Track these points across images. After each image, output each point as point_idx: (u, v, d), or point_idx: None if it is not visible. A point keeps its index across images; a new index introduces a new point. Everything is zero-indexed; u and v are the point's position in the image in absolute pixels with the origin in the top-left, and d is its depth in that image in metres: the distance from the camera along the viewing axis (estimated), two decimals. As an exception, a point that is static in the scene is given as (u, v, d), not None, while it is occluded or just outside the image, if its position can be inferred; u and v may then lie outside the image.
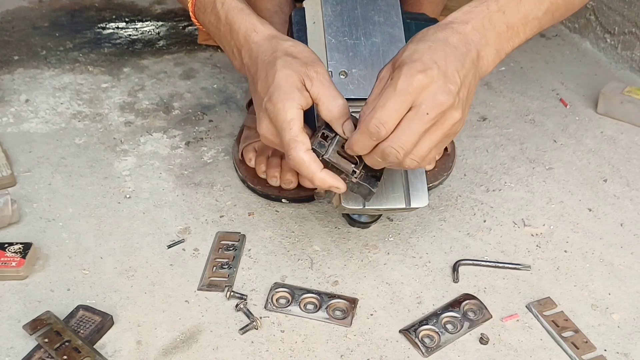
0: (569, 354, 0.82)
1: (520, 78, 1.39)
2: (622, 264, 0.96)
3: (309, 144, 0.77)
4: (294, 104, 0.77)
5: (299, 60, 0.79)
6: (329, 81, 0.79)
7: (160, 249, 0.96)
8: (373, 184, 0.79)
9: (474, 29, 0.77)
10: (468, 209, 1.05)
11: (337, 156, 0.78)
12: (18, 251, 0.92)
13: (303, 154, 0.76)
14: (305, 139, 0.77)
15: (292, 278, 0.92)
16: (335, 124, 0.78)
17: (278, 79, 0.78)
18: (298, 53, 0.80)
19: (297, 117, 0.77)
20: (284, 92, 0.77)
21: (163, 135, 1.20)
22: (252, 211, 1.04)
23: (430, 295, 0.90)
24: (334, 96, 0.78)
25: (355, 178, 0.78)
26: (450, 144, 1.13)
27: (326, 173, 0.77)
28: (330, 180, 0.77)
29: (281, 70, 0.78)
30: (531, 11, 0.80)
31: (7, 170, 1.07)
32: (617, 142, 1.20)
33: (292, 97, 0.77)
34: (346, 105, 0.78)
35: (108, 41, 1.50)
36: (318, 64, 0.79)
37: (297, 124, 0.77)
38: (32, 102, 1.28)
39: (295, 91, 0.77)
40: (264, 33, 0.83)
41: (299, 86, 0.78)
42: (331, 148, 0.78)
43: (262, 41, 0.83)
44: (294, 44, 0.82)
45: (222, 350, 0.82)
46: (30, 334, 0.82)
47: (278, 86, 0.78)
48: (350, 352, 0.83)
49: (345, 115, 0.78)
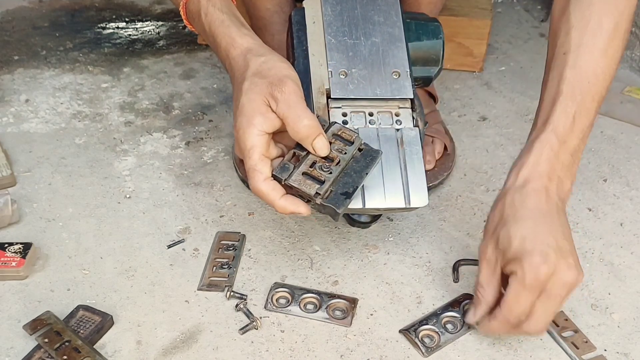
0: (568, 354, 0.83)
1: (520, 78, 1.38)
2: (622, 264, 0.96)
3: (267, 172, 0.76)
4: (254, 131, 0.76)
5: (265, 81, 0.77)
6: (296, 100, 0.76)
7: (160, 249, 0.96)
8: (340, 204, 0.76)
9: (549, 179, 0.79)
10: (468, 209, 1.05)
11: (301, 179, 0.77)
12: (18, 251, 0.92)
13: (260, 184, 0.76)
14: (264, 167, 0.76)
15: (292, 278, 0.92)
16: (304, 143, 0.77)
17: (242, 103, 0.77)
18: (267, 71, 0.78)
19: (257, 144, 0.76)
20: (246, 118, 0.76)
21: (163, 135, 1.20)
22: (252, 211, 1.04)
23: (430, 295, 0.90)
24: (299, 116, 0.76)
25: (320, 199, 0.76)
26: (450, 144, 1.13)
27: (285, 200, 0.77)
28: (291, 207, 0.77)
29: (245, 94, 0.77)
30: (585, 121, 0.81)
31: (7, 170, 1.07)
32: (617, 141, 1.20)
33: (253, 124, 0.76)
34: (314, 125, 0.76)
35: (108, 41, 1.50)
36: (285, 82, 0.77)
37: (257, 151, 0.76)
38: (32, 102, 1.28)
39: (258, 116, 0.76)
40: (241, 47, 0.81)
41: (263, 110, 0.76)
42: (297, 170, 0.77)
43: (238, 57, 0.81)
44: (266, 60, 0.79)
45: (222, 350, 0.82)
46: (30, 334, 0.82)
47: (242, 111, 0.77)
48: (350, 352, 0.83)
49: (314, 134, 0.76)
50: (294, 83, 0.77)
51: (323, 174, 0.77)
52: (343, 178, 0.78)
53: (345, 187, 0.77)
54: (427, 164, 1.06)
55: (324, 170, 0.77)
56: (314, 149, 0.77)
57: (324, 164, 0.77)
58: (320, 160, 0.78)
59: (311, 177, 0.77)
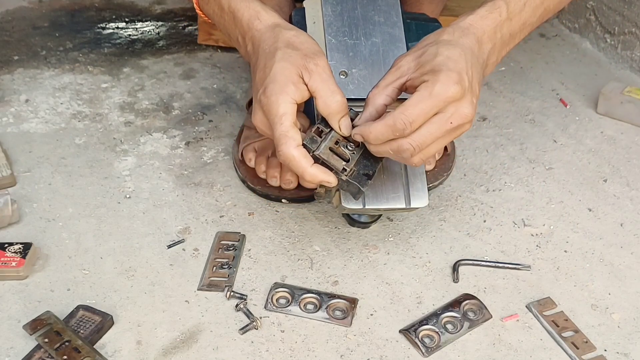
0: (569, 354, 0.83)
1: (520, 78, 1.39)
2: (622, 264, 0.96)
3: (299, 139, 0.77)
4: (287, 98, 0.77)
5: (300, 52, 0.78)
6: (329, 75, 0.78)
7: (160, 249, 0.96)
8: (363, 183, 0.79)
9: (488, 38, 0.80)
10: (468, 209, 1.05)
11: (329, 153, 0.78)
12: (18, 251, 0.92)
13: (293, 150, 0.77)
14: (296, 134, 0.77)
15: (292, 278, 0.92)
16: (331, 120, 0.79)
17: (274, 71, 0.78)
18: (300, 44, 0.80)
19: (289, 112, 0.77)
20: (279, 85, 0.77)
21: (163, 135, 1.20)
22: (252, 211, 1.04)
23: (430, 295, 0.90)
24: (332, 91, 0.78)
25: (345, 176, 0.78)
26: (450, 144, 1.13)
27: (316, 168, 0.78)
28: (321, 175, 0.78)
29: (279, 62, 0.78)
30: (529, 18, 0.83)
31: (7, 170, 1.07)
32: (617, 142, 1.20)
33: (286, 91, 0.77)
34: (344, 102, 0.78)
35: (108, 41, 1.50)
36: (319, 56, 0.79)
37: (289, 118, 0.77)
38: (32, 102, 1.28)
39: (290, 85, 0.77)
40: (267, 21, 0.82)
41: (295, 79, 0.77)
42: (324, 144, 0.78)
43: (264, 29, 0.82)
44: (297, 34, 0.81)
45: (222, 350, 0.82)
46: (30, 334, 0.82)
47: (273, 79, 0.77)
48: (350, 352, 0.83)
49: (343, 111, 0.78)
50: (326, 59, 0.79)
51: (347, 152, 0.79)
52: (363, 160, 0.80)
53: (366, 168, 0.79)
54: (427, 164, 1.06)
55: (349, 149, 0.79)
56: (340, 126, 0.79)
57: (347, 143, 0.79)
58: (343, 140, 0.79)
59: (336, 153, 0.78)
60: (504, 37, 0.82)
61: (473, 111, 0.75)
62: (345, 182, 0.79)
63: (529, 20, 0.83)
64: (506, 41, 0.82)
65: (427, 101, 0.73)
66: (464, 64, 0.75)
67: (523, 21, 0.83)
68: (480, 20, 0.80)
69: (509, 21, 0.81)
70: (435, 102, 0.73)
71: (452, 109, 0.74)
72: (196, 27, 1.52)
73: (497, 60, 0.83)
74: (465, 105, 0.74)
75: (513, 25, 0.82)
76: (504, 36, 0.82)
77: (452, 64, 0.74)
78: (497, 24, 0.80)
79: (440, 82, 0.73)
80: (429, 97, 0.73)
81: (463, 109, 0.74)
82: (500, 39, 0.81)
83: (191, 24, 1.57)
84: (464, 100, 0.74)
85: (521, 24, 0.83)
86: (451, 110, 0.74)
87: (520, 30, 0.83)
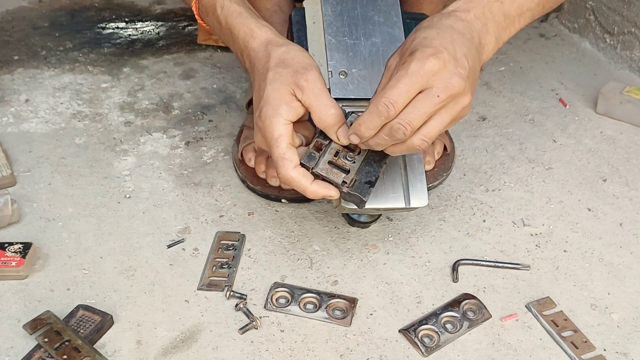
0: (568, 354, 0.83)
1: (519, 78, 1.39)
2: (622, 264, 0.96)
3: (296, 160, 0.78)
4: (281, 120, 0.78)
5: (290, 70, 0.79)
6: (321, 88, 0.78)
7: (160, 249, 0.97)
8: (365, 192, 0.79)
9: (476, 17, 0.79)
10: (468, 208, 1.05)
11: (328, 168, 0.79)
12: (18, 251, 0.92)
13: (291, 172, 0.78)
14: (293, 155, 0.78)
15: (292, 278, 0.93)
16: (329, 132, 0.79)
17: (267, 93, 0.79)
18: (290, 60, 0.80)
19: (284, 134, 0.78)
20: (272, 108, 0.78)
21: (163, 135, 1.20)
22: (251, 211, 1.04)
23: (429, 295, 0.90)
24: (325, 105, 0.78)
25: (346, 188, 0.79)
26: (450, 144, 1.13)
27: (317, 185, 0.78)
28: (322, 191, 0.79)
29: (270, 84, 0.79)
30: (525, 3, 0.83)
31: (7, 170, 1.07)
32: (616, 142, 1.20)
33: (279, 113, 0.78)
34: (339, 113, 0.78)
35: (108, 41, 1.50)
36: (310, 70, 0.79)
37: (285, 140, 0.78)
38: (32, 102, 1.28)
39: (283, 106, 0.78)
40: (260, 38, 0.83)
41: (288, 99, 0.78)
42: (322, 159, 0.79)
43: (258, 48, 0.83)
44: (287, 49, 0.81)
45: (221, 350, 0.83)
46: (30, 334, 0.82)
47: (267, 101, 0.79)
48: (350, 351, 0.83)
49: (338, 123, 0.79)
50: (317, 72, 0.79)
51: (347, 163, 0.79)
52: (365, 167, 0.80)
53: (368, 175, 0.80)
54: (427, 164, 1.06)
55: (348, 159, 0.80)
56: (338, 137, 0.79)
57: (347, 153, 0.80)
58: (343, 150, 0.80)
59: (336, 165, 0.79)
60: (497, 17, 0.80)
61: (462, 81, 0.73)
62: (346, 193, 0.79)
63: (525, 4, 0.82)
64: (501, 22, 0.81)
65: (404, 79, 0.72)
66: (441, 40, 0.74)
67: (519, 5, 0.82)
68: (465, 4, 0.80)
69: (499, 3, 0.80)
70: (413, 79, 0.72)
71: (437, 82, 0.72)
72: (196, 27, 1.52)
73: (496, 41, 0.81)
74: (449, 76, 0.72)
75: (506, 8, 0.81)
76: (497, 17, 0.80)
77: (428, 42, 0.74)
78: (485, 5, 0.79)
79: (416, 59, 0.72)
80: (406, 75, 0.72)
81: (447, 80, 0.72)
82: (492, 20, 0.80)
83: (191, 24, 1.57)
84: (446, 70, 0.72)
85: (517, 7, 0.82)
86: (436, 84, 0.72)
87: (518, 14, 0.82)
